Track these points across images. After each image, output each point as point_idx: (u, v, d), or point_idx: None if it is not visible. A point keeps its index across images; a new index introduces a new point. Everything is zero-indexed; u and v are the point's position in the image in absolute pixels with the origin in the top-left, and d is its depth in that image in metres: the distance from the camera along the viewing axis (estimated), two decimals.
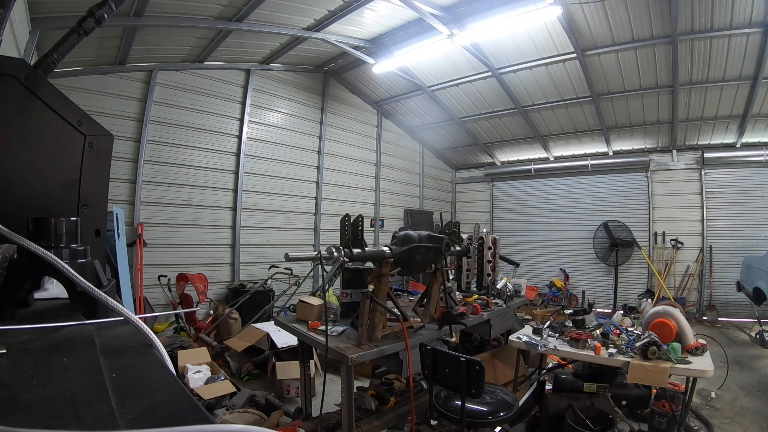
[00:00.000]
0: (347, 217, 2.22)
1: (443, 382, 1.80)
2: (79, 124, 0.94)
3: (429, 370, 1.79)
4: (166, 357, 0.62)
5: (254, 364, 4.15)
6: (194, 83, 6.01)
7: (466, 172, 10.51)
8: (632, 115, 7.12)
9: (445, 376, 1.77)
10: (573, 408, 2.67)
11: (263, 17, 5.15)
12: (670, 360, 2.50)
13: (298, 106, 7.39)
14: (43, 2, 3.75)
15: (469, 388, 1.74)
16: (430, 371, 1.78)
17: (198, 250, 6.03)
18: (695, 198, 7.47)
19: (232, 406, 3.21)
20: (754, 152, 6.94)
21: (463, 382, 1.73)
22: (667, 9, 4.82)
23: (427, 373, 1.79)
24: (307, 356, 2.92)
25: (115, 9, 1.06)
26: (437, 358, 1.76)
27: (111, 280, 0.82)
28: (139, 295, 5.17)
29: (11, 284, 0.71)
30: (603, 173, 8.38)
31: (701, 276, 7.30)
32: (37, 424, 0.38)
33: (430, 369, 1.78)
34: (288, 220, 7.20)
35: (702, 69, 5.76)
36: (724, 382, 3.82)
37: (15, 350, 0.56)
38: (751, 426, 3.17)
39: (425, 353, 1.80)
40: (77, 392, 0.45)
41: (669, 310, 2.87)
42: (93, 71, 5.03)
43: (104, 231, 1.01)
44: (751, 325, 6.22)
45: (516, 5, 4.86)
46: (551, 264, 8.76)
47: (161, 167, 5.70)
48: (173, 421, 0.43)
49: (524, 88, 6.94)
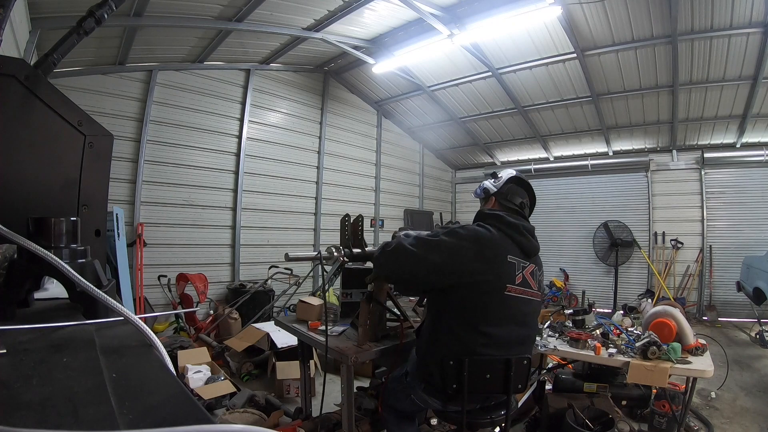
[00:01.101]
0: (347, 217, 2.22)
1: (482, 389, 1.72)
2: (79, 124, 0.94)
3: (462, 383, 1.66)
4: (166, 357, 0.62)
5: (254, 364, 4.15)
6: (194, 83, 6.01)
7: (466, 172, 10.51)
8: (632, 115, 7.12)
9: (485, 382, 1.70)
10: (573, 408, 2.67)
11: (263, 17, 5.15)
12: (670, 360, 2.50)
13: (298, 106, 7.39)
14: (43, 2, 3.75)
15: (515, 385, 1.76)
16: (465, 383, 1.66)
17: (198, 250, 6.03)
18: (695, 198, 7.47)
19: (232, 406, 3.21)
20: (754, 152, 6.94)
21: (511, 383, 1.73)
22: (667, 9, 4.82)
23: (458, 387, 1.67)
24: (307, 356, 2.92)
25: (115, 9, 1.06)
26: (474, 367, 1.66)
27: (111, 280, 0.82)
28: (139, 295, 5.17)
29: (11, 284, 0.71)
30: (603, 173, 8.38)
31: (701, 276, 7.30)
32: (37, 424, 0.38)
33: (464, 381, 1.66)
34: (288, 220, 7.20)
35: (702, 69, 5.76)
36: (724, 382, 3.82)
37: (15, 350, 0.56)
38: (751, 426, 3.17)
39: (451, 366, 1.66)
40: (77, 392, 0.45)
41: (669, 310, 2.87)
42: (93, 71, 5.03)
43: (104, 231, 1.01)
44: (751, 325, 6.22)
45: (516, 5, 4.86)
46: (551, 264, 8.74)
47: (161, 167, 5.70)
48: (173, 421, 0.43)
49: (524, 88, 6.94)
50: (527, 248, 1.80)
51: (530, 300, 1.78)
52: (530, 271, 1.79)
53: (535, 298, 1.82)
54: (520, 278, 1.73)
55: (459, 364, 1.66)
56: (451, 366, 1.66)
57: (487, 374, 1.72)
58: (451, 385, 1.68)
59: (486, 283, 1.67)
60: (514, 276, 1.71)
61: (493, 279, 1.67)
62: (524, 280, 1.75)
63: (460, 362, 1.66)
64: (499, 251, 1.71)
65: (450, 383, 1.68)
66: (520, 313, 1.74)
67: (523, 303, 1.74)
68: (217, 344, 4.51)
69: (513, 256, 1.73)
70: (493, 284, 1.67)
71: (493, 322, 1.69)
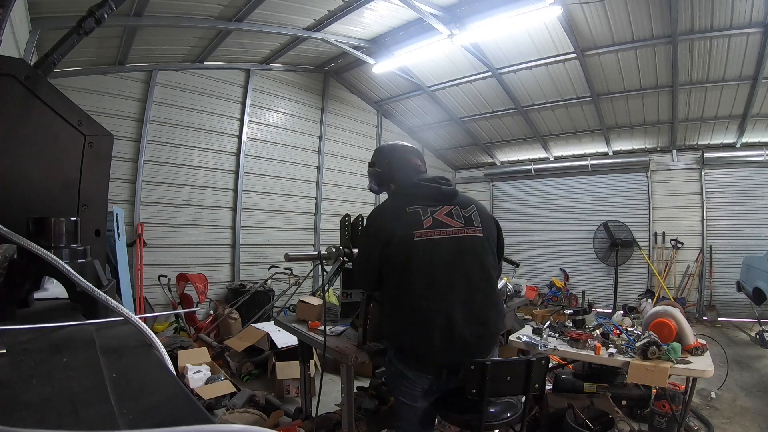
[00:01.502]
0: (347, 217, 2.22)
1: (501, 391, 1.73)
2: (79, 124, 0.94)
3: (479, 386, 1.65)
4: (166, 357, 0.62)
5: (254, 364, 4.15)
6: (194, 83, 6.01)
7: (466, 172, 10.51)
8: (632, 115, 7.12)
9: (506, 384, 1.71)
10: (573, 408, 2.67)
11: (263, 17, 5.15)
12: (670, 360, 2.50)
13: (298, 106, 7.39)
14: (43, 2, 3.75)
15: (533, 385, 1.76)
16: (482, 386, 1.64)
17: (198, 250, 6.03)
18: (695, 198, 7.46)
19: (232, 406, 3.21)
20: (754, 152, 6.93)
21: (530, 383, 1.73)
22: (667, 9, 4.82)
23: (477, 391, 1.65)
24: (307, 356, 2.92)
25: (115, 9, 1.06)
26: (494, 370, 1.65)
27: (111, 280, 0.82)
28: (139, 295, 5.17)
29: (11, 284, 0.71)
30: (603, 173, 8.37)
31: (701, 276, 7.30)
32: (37, 424, 0.38)
33: (482, 384, 1.65)
34: (288, 220, 7.20)
35: (702, 69, 5.76)
36: (724, 382, 3.82)
37: (15, 350, 0.56)
38: (751, 426, 3.17)
39: (474, 371, 1.64)
40: (77, 392, 0.45)
41: (669, 310, 2.87)
42: (93, 71, 5.03)
43: (104, 231, 1.01)
44: (751, 325, 6.21)
45: (516, 5, 4.86)
46: (551, 264, 8.76)
47: (161, 167, 5.70)
48: (173, 421, 0.43)
49: (524, 88, 6.94)
50: (435, 194, 1.80)
51: (458, 237, 1.75)
52: (445, 212, 1.78)
53: (466, 234, 1.77)
54: (429, 221, 1.72)
55: (482, 368, 1.63)
56: (472, 371, 1.64)
57: (508, 376, 1.71)
58: (471, 390, 1.65)
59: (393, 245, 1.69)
60: (421, 222, 1.71)
61: (398, 236, 1.69)
62: (437, 221, 1.73)
63: (482, 366, 1.63)
64: (394, 212, 1.76)
65: (471, 387, 1.65)
66: (446, 252, 1.71)
67: (447, 242, 1.72)
68: (217, 344, 4.51)
69: (414, 206, 1.75)
70: (399, 239, 1.68)
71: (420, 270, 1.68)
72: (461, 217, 1.79)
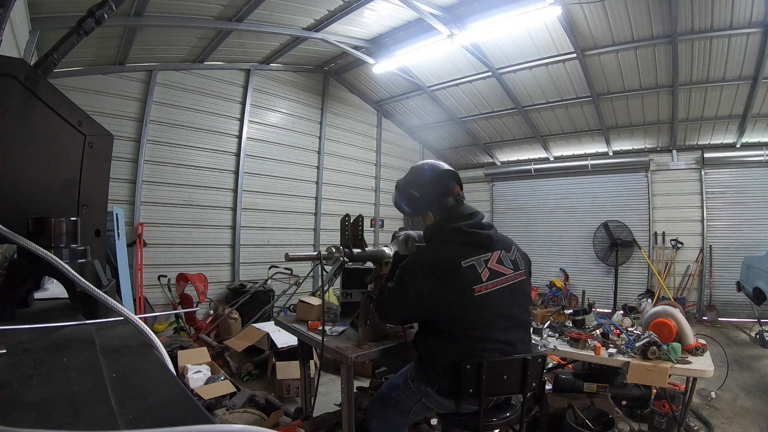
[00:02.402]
0: (347, 217, 2.22)
1: (500, 389, 1.75)
2: (79, 124, 0.94)
3: (477, 385, 1.67)
4: (166, 357, 0.62)
5: (254, 364, 4.15)
6: (194, 83, 6.01)
7: (466, 172, 10.48)
8: (632, 115, 7.12)
9: (503, 383, 1.73)
10: (573, 408, 2.67)
11: (263, 17, 5.15)
12: (670, 360, 2.50)
13: (298, 106, 7.39)
14: (43, 2, 3.75)
15: (530, 384, 1.78)
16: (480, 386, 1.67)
17: (198, 250, 6.03)
18: (695, 198, 7.46)
19: (232, 406, 3.21)
20: (754, 152, 6.93)
21: (527, 382, 1.75)
22: (667, 9, 4.82)
23: (474, 391, 1.68)
24: (307, 356, 2.92)
25: (115, 9, 1.06)
26: (492, 369, 1.67)
27: (111, 280, 0.82)
28: (139, 295, 5.17)
29: (11, 284, 0.71)
30: (603, 173, 8.37)
31: (701, 276, 7.30)
32: (37, 424, 0.38)
33: (479, 384, 1.67)
34: (288, 220, 7.20)
35: (702, 69, 5.76)
36: (724, 382, 3.82)
37: (15, 350, 0.56)
38: (751, 426, 3.17)
39: (469, 370, 1.67)
40: (77, 392, 0.45)
41: (669, 310, 2.87)
42: (93, 71, 5.03)
43: (104, 231, 1.01)
44: (751, 325, 6.21)
45: (516, 5, 4.86)
46: (551, 264, 8.75)
47: (161, 167, 5.70)
48: (173, 421, 0.43)
49: (524, 88, 6.94)
50: (482, 242, 1.78)
51: (511, 284, 1.78)
52: (496, 259, 1.78)
53: (517, 279, 1.81)
54: (486, 273, 1.72)
55: (477, 366, 1.65)
56: (469, 369, 1.66)
57: (504, 375, 1.73)
58: (468, 389, 1.67)
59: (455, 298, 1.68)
60: (479, 275, 1.70)
61: (459, 291, 1.68)
62: (493, 271, 1.74)
63: (478, 365, 1.65)
64: (452, 267, 1.70)
65: (467, 386, 1.67)
66: (504, 303, 1.74)
67: (503, 292, 1.74)
68: (217, 344, 4.51)
69: (467, 259, 1.71)
70: (460, 296, 1.68)
71: (479, 324, 1.71)
72: (509, 261, 1.82)
